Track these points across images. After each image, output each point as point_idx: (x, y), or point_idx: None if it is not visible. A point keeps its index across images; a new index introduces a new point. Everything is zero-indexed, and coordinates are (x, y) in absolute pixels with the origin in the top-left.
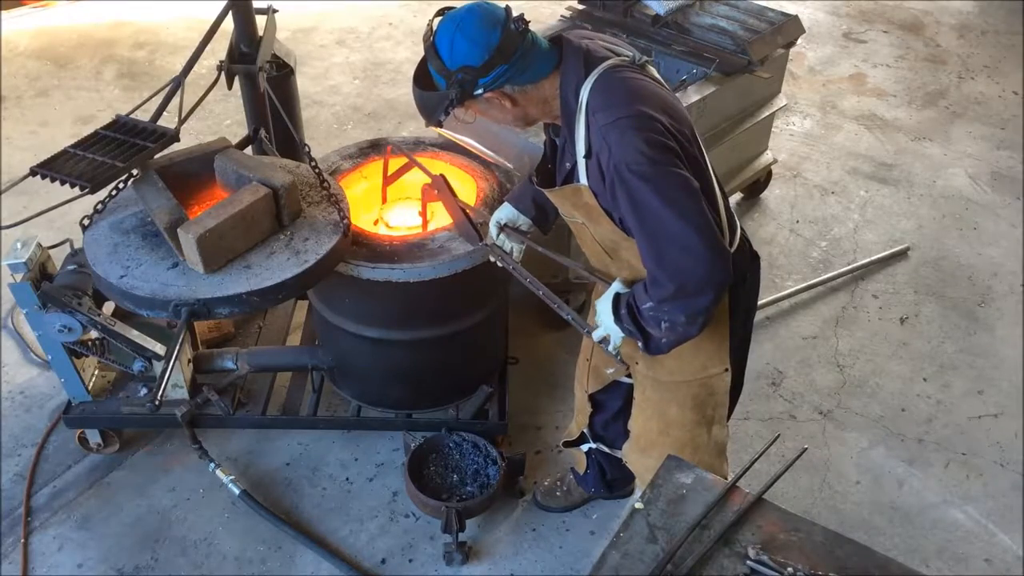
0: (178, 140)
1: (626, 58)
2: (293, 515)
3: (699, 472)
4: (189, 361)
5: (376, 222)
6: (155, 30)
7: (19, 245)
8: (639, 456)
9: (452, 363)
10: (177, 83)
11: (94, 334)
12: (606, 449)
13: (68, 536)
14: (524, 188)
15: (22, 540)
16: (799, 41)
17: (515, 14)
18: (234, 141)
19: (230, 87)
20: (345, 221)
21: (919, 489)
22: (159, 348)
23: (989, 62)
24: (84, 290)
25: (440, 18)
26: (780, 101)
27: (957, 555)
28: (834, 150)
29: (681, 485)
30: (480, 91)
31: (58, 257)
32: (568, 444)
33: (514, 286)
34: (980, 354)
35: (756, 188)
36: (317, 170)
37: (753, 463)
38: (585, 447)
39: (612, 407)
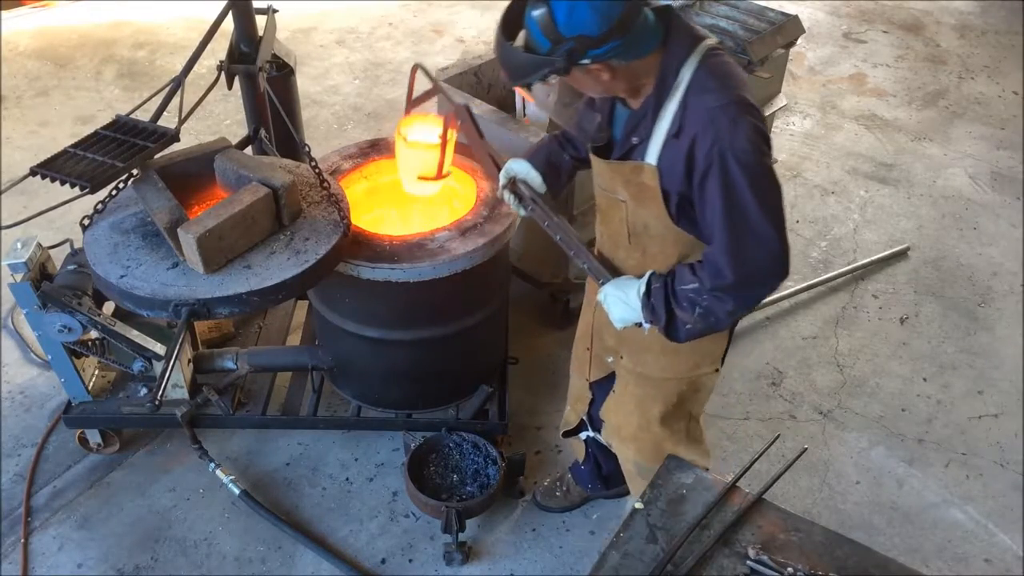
0: (178, 140)
1: (715, 40)
2: (293, 515)
3: (699, 472)
4: (189, 361)
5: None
6: (155, 30)
7: (19, 245)
8: (619, 444)
9: (452, 363)
10: (177, 83)
11: (94, 334)
12: (602, 440)
13: (68, 536)
14: (541, 145)
15: (22, 540)
16: (799, 41)
17: None
18: (234, 141)
19: (230, 87)
20: (345, 221)
21: (919, 489)
22: (159, 348)
23: (989, 62)
24: (84, 290)
25: None
26: (780, 101)
27: (957, 555)
28: (834, 150)
29: (681, 485)
30: (587, 61)
31: (58, 257)
32: (567, 434)
33: (514, 286)
34: (980, 354)
35: None
36: (317, 170)
37: (753, 463)
38: (583, 435)
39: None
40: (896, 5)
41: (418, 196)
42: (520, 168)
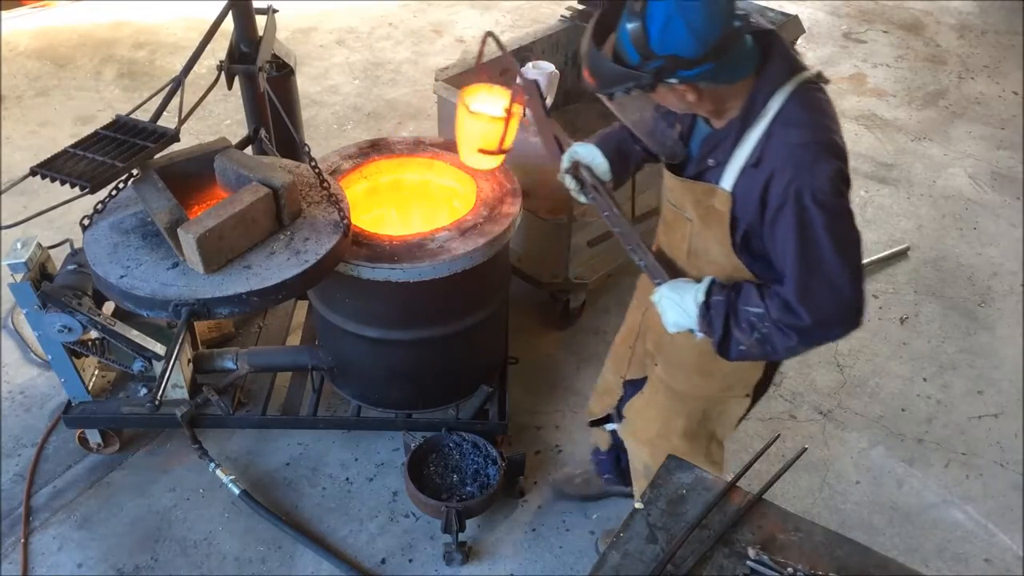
0: (178, 140)
1: (814, 72)
2: (293, 515)
3: (699, 472)
4: (189, 361)
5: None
6: (155, 30)
7: (19, 245)
8: (635, 444)
9: (452, 363)
10: (177, 83)
11: (94, 334)
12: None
13: (68, 536)
14: (612, 132)
15: (22, 540)
16: (799, 41)
17: (738, 8)
18: (234, 141)
19: (230, 87)
20: (345, 221)
21: (919, 489)
22: (159, 348)
23: (989, 62)
24: (84, 290)
25: None
26: None
27: (957, 555)
28: None
29: (681, 485)
30: (674, 81)
31: (58, 257)
32: (594, 423)
33: (514, 286)
34: (980, 354)
35: None
36: (317, 170)
37: (753, 463)
38: (610, 427)
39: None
40: (896, 5)
41: (476, 168)
42: (586, 153)
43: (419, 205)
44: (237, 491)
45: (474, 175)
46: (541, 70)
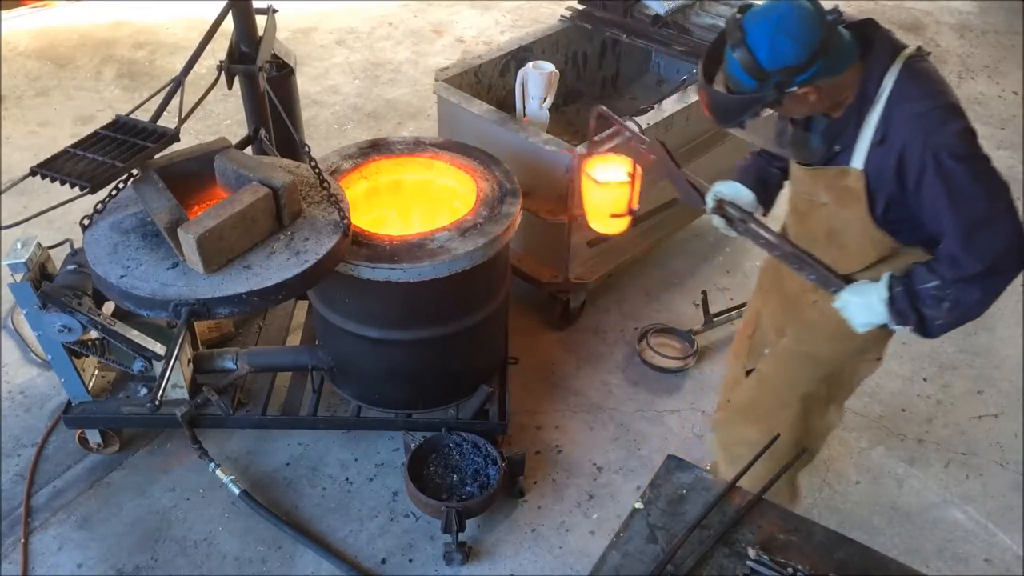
0: (178, 140)
1: (915, 47)
2: (293, 515)
3: (699, 472)
4: (189, 361)
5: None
6: (155, 30)
7: (19, 245)
8: (732, 428)
9: (452, 363)
10: (177, 83)
11: (94, 334)
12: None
13: (68, 536)
14: (748, 164)
15: (22, 540)
16: None
17: (827, 5)
18: (234, 141)
19: (230, 87)
20: (345, 221)
21: (919, 489)
22: (159, 348)
23: (989, 62)
24: (84, 290)
25: (745, 14)
26: None
27: (957, 555)
28: None
29: (681, 485)
30: (794, 88)
31: (58, 257)
32: None
33: (514, 286)
34: (980, 354)
35: None
36: (317, 170)
37: (753, 463)
38: None
39: None
40: (896, 5)
41: (604, 233)
42: (728, 190)
43: (419, 205)
44: (237, 491)
45: (474, 175)
46: (541, 70)
